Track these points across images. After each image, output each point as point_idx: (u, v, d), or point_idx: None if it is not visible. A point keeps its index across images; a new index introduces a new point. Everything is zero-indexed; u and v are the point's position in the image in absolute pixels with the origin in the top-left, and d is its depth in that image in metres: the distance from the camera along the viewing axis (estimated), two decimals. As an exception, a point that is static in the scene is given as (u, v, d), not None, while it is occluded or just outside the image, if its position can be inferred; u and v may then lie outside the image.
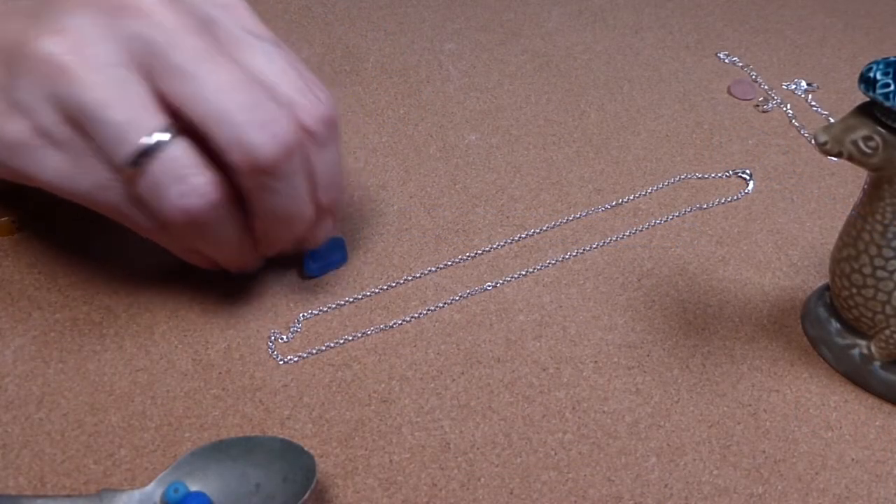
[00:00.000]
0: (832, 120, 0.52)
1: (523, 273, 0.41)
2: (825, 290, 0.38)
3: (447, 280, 0.40)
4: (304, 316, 0.38)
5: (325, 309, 0.38)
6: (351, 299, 0.39)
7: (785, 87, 0.54)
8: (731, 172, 0.47)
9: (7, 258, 0.39)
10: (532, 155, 0.48)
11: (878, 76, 0.29)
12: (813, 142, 0.50)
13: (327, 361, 0.36)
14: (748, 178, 0.47)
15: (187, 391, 0.35)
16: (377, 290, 0.40)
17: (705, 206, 0.45)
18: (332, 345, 0.37)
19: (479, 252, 0.42)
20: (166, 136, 0.30)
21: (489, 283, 0.40)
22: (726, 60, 0.56)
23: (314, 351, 0.37)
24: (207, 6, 0.33)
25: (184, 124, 0.31)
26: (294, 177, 0.33)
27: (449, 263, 0.41)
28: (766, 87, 0.54)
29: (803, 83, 0.54)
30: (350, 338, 0.37)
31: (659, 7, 0.61)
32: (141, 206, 0.32)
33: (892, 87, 0.28)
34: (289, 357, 0.36)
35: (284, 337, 0.37)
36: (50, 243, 0.40)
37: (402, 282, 0.40)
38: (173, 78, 0.30)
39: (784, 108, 0.52)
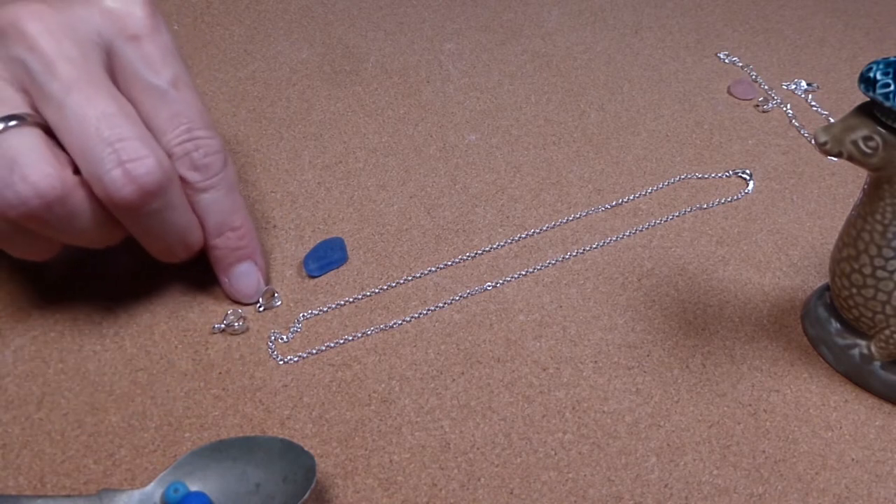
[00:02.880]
0: (832, 120, 0.52)
1: (523, 273, 0.41)
2: (825, 290, 0.38)
3: (447, 280, 0.40)
4: (304, 316, 0.38)
5: (325, 309, 0.38)
6: (351, 299, 0.39)
7: (785, 87, 0.54)
8: (731, 172, 0.47)
9: (7, 258, 0.39)
10: (532, 155, 0.48)
11: (878, 76, 0.29)
12: (813, 142, 0.50)
13: (327, 361, 0.36)
14: (748, 178, 0.47)
15: (187, 391, 0.35)
16: (377, 290, 0.40)
17: (705, 206, 0.45)
18: (332, 345, 0.37)
19: (479, 252, 0.42)
20: (13, 123, 0.30)
21: (489, 283, 0.40)
22: (726, 60, 0.56)
23: (314, 351, 0.37)
24: (113, 36, 0.33)
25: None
26: (156, 215, 0.33)
27: (449, 263, 0.41)
28: (766, 87, 0.54)
29: (803, 83, 0.54)
30: (350, 338, 0.37)
31: (659, 7, 0.61)
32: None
33: (892, 87, 0.28)
34: (289, 357, 0.36)
35: (284, 337, 0.37)
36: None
37: (402, 282, 0.40)
38: (47, 106, 0.31)
39: (784, 108, 0.52)
